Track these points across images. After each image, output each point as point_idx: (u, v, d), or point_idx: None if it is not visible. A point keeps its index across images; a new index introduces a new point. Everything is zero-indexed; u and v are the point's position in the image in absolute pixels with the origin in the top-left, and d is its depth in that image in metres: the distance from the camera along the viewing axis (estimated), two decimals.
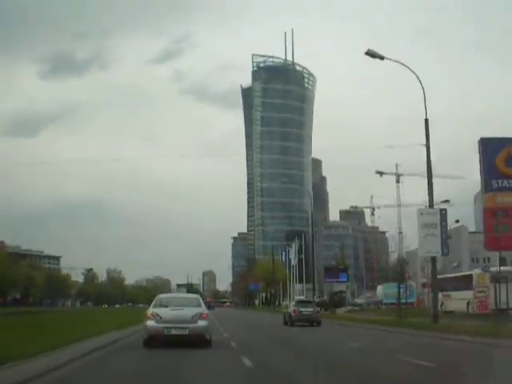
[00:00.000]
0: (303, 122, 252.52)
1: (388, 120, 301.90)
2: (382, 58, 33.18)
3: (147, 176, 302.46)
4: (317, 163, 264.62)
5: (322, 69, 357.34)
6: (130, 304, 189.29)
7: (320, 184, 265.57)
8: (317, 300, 73.55)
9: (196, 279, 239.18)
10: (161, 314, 19.31)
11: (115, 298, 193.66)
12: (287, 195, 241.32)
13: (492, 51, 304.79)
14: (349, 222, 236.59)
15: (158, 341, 19.27)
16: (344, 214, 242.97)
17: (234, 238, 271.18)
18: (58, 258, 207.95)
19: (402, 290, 44.40)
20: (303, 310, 41.35)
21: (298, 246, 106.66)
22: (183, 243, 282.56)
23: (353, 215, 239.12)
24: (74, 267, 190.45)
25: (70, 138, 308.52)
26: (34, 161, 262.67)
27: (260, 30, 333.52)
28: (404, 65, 33.64)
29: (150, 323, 19.38)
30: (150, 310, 19.77)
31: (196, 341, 19.29)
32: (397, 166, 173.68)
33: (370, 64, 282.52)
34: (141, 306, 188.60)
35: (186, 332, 19.10)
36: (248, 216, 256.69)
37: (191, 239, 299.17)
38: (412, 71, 33.41)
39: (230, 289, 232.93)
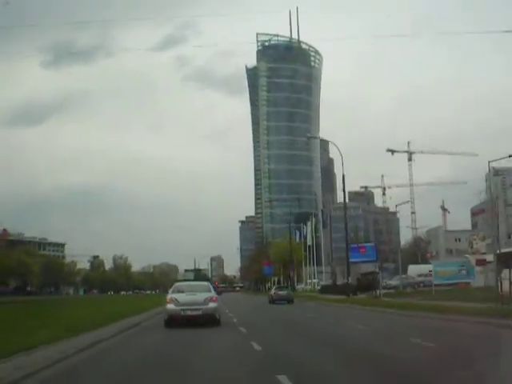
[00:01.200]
0: (310, 102, 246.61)
1: (396, 98, 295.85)
2: None
3: (152, 164, 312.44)
4: (324, 144, 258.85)
5: (328, 47, 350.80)
6: (136, 291, 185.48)
7: (327, 166, 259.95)
8: (340, 282, 69.75)
9: (204, 264, 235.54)
10: (178, 299, 23.19)
11: (121, 284, 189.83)
12: (295, 177, 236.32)
13: None
14: (358, 204, 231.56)
15: (177, 320, 22.98)
16: (353, 196, 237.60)
17: (242, 222, 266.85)
18: (62, 246, 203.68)
19: (458, 268, 39.24)
20: (280, 292, 59.90)
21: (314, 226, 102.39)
22: (190, 229, 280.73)
23: (361, 197, 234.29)
24: (80, 254, 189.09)
25: (75, 127, 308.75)
26: (39, 150, 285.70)
27: (264, 8, 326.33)
28: None
29: (170, 306, 23.27)
30: (169, 296, 23.68)
31: (207, 319, 23.05)
32: (409, 143, 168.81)
33: (378, 40, 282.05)
34: (148, 292, 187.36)
35: (200, 312, 22.96)
36: (255, 199, 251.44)
37: (198, 225, 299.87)
38: None
39: (238, 273, 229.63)
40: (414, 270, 71.07)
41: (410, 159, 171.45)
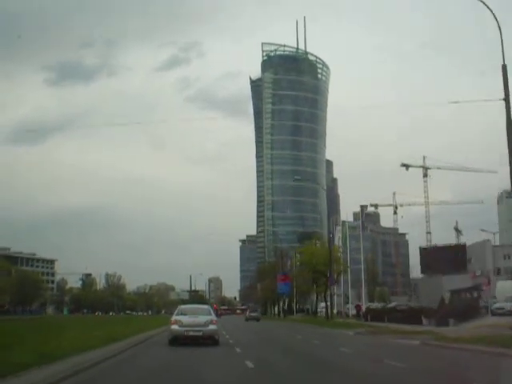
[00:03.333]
0: (317, 115, 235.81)
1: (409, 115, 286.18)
2: None
3: (152, 184, 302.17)
4: (328, 164, 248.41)
5: (336, 59, 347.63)
6: (128, 312, 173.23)
7: (331, 186, 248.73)
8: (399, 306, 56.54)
9: (201, 285, 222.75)
10: (182, 320, 25.64)
11: (113, 305, 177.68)
12: (299, 194, 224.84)
13: None
14: (366, 224, 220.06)
15: (180, 340, 25.25)
16: (357, 216, 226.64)
17: (243, 241, 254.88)
18: (52, 262, 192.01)
19: None
20: (252, 314, 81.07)
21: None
22: (189, 250, 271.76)
23: (367, 217, 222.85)
24: (72, 273, 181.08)
25: (74, 146, 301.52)
26: (38, 168, 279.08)
27: (270, 18, 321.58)
28: None
29: (174, 327, 25.64)
30: (174, 317, 26.13)
31: (208, 340, 25.63)
32: (424, 158, 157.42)
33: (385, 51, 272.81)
34: (140, 313, 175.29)
35: (201, 334, 25.52)
36: (257, 217, 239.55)
37: (197, 245, 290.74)
38: None
39: (238, 295, 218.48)
40: (505, 286, 51.55)
41: (425, 175, 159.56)
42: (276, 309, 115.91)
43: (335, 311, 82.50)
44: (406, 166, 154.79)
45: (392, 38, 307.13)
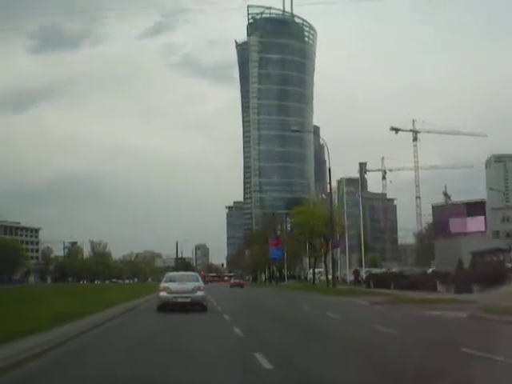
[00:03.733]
0: (304, 80, 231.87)
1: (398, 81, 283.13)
2: None
3: (139, 152, 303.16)
4: (315, 130, 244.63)
5: (322, 22, 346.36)
6: (114, 280, 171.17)
7: (318, 152, 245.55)
8: (405, 271, 53.59)
9: (188, 253, 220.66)
10: (170, 287, 25.68)
11: (99, 273, 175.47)
12: (286, 160, 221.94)
13: None
14: (354, 189, 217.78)
15: (169, 306, 25.11)
16: (345, 182, 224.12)
17: (229, 208, 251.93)
18: (36, 231, 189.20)
19: None
20: (236, 280, 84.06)
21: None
22: (175, 217, 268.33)
23: (354, 183, 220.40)
24: (57, 241, 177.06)
25: (61, 114, 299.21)
26: (25, 136, 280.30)
27: None
28: None
29: (163, 294, 25.63)
30: (162, 284, 26.20)
31: (196, 306, 25.37)
32: (413, 121, 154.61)
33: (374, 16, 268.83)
34: (126, 281, 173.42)
35: (189, 300, 25.36)
36: (244, 183, 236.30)
37: (183, 213, 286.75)
38: None
39: (225, 262, 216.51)
40: None
41: (415, 139, 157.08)
42: (266, 275, 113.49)
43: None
44: (396, 130, 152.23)
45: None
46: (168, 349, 13.46)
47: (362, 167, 77.79)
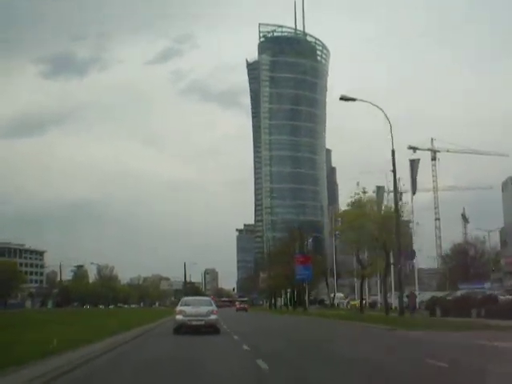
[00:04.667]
0: (316, 99, 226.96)
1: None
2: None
3: (146, 176, 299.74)
4: (326, 153, 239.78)
5: (335, 41, 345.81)
6: (119, 305, 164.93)
7: (330, 175, 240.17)
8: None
9: (197, 277, 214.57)
10: (186, 311, 27.33)
11: (104, 297, 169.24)
12: (299, 181, 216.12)
13: None
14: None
15: (184, 328, 26.76)
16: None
17: (240, 231, 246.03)
18: (41, 253, 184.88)
19: None
20: (242, 305, 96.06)
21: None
22: (184, 241, 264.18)
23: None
24: (63, 265, 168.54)
25: (69, 140, 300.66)
26: (33, 161, 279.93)
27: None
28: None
29: (179, 317, 27.31)
30: (178, 308, 27.98)
31: (209, 328, 26.99)
32: (432, 140, 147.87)
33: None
34: (133, 306, 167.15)
35: (203, 323, 27.08)
36: (255, 205, 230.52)
37: (192, 236, 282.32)
38: None
39: (235, 286, 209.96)
40: None
41: (433, 158, 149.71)
42: (283, 300, 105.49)
43: (365, 302, 67.05)
44: (414, 149, 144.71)
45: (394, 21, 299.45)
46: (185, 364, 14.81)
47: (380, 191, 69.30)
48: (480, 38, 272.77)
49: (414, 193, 55.11)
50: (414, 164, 54.81)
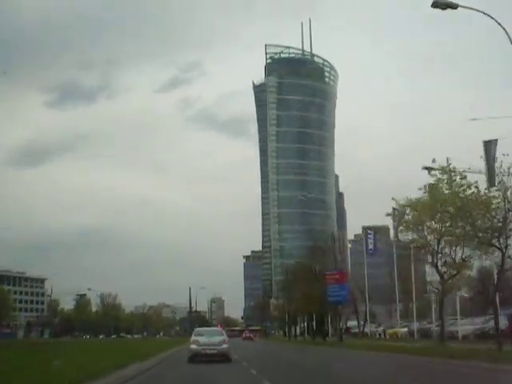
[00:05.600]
0: (324, 122, 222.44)
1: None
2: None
3: (153, 204, 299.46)
4: (334, 178, 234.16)
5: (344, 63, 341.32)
6: (122, 334, 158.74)
7: (338, 200, 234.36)
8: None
9: (203, 305, 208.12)
10: (199, 340, 29.22)
11: (107, 326, 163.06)
12: (307, 206, 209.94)
13: None
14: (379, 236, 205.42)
15: (198, 357, 28.50)
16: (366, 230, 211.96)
17: (247, 257, 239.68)
18: (42, 281, 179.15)
19: None
20: (248, 334, 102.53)
21: None
22: (189, 268, 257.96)
23: (378, 230, 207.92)
24: (65, 293, 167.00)
25: (76, 168, 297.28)
26: (39, 189, 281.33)
27: (275, 23, 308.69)
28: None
29: (193, 346, 29.12)
30: (192, 338, 30.02)
31: (221, 357, 28.46)
32: (448, 159, 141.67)
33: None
34: (136, 336, 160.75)
35: (216, 352, 28.70)
36: (263, 231, 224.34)
37: (198, 263, 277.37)
38: None
39: (243, 314, 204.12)
40: None
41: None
42: (301, 328, 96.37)
43: (402, 330, 60.02)
44: (429, 169, 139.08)
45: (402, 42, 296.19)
46: None
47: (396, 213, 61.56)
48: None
49: (491, 184, 44.88)
50: (489, 146, 44.28)
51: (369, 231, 70.18)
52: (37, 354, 35.19)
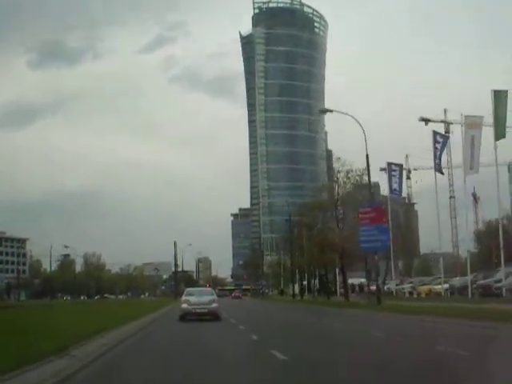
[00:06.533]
0: (313, 74, 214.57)
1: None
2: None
3: (136, 164, 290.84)
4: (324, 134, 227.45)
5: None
6: (105, 296, 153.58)
7: (326, 158, 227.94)
8: None
9: (190, 264, 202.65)
10: (190, 300, 30.14)
11: (89, 288, 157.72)
12: (296, 161, 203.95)
13: None
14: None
15: (189, 315, 29.35)
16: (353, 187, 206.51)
17: (235, 215, 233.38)
18: (23, 241, 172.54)
19: None
20: (236, 294, 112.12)
21: None
22: (177, 232, 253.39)
23: (365, 187, 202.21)
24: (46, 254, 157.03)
25: (61, 129, 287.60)
26: (24, 151, 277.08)
27: None
28: None
29: (184, 305, 30.04)
30: (183, 298, 31.26)
31: (211, 315, 29.41)
32: (445, 111, 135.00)
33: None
34: (120, 297, 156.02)
35: (206, 310, 29.73)
36: (251, 188, 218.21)
37: (185, 224, 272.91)
38: None
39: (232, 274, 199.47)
40: None
41: (446, 131, 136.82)
42: (309, 286, 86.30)
43: (440, 287, 49.70)
44: (426, 121, 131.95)
45: None
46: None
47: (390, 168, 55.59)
48: None
49: (499, 136, 40.77)
50: (499, 96, 40.64)
51: (393, 166, 58.55)
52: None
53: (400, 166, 61.91)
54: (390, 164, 58.20)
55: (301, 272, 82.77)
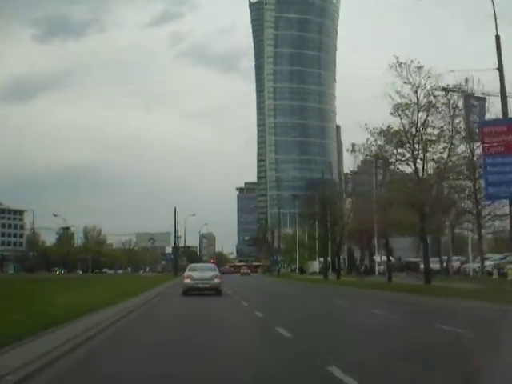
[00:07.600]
0: (324, 43, 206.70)
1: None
2: None
3: (145, 141, 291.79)
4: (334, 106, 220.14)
5: None
6: (104, 270, 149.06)
7: (339, 132, 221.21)
8: None
9: (194, 241, 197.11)
10: (193, 275, 31.34)
11: (87, 262, 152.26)
12: (305, 134, 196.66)
13: None
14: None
15: (192, 290, 30.48)
16: (363, 163, 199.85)
17: (240, 190, 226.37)
18: (21, 213, 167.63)
19: None
20: (245, 270, 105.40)
21: None
22: (182, 208, 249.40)
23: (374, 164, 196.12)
24: (47, 227, 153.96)
25: (65, 103, 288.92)
26: (28, 125, 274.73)
27: None
28: None
29: (187, 280, 31.21)
30: (186, 273, 32.57)
31: (213, 290, 30.64)
32: (467, 80, 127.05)
33: None
34: (120, 272, 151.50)
35: (208, 286, 30.85)
36: (258, 161, 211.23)
37: (191, 202, 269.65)
38: None
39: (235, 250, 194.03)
40: None
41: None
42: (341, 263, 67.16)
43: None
44: (446, 91, 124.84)
45: None
46: None
47: None
48: None
49: None
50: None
51: None
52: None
53: None
54: None
55: (324, 246, 70.87)
